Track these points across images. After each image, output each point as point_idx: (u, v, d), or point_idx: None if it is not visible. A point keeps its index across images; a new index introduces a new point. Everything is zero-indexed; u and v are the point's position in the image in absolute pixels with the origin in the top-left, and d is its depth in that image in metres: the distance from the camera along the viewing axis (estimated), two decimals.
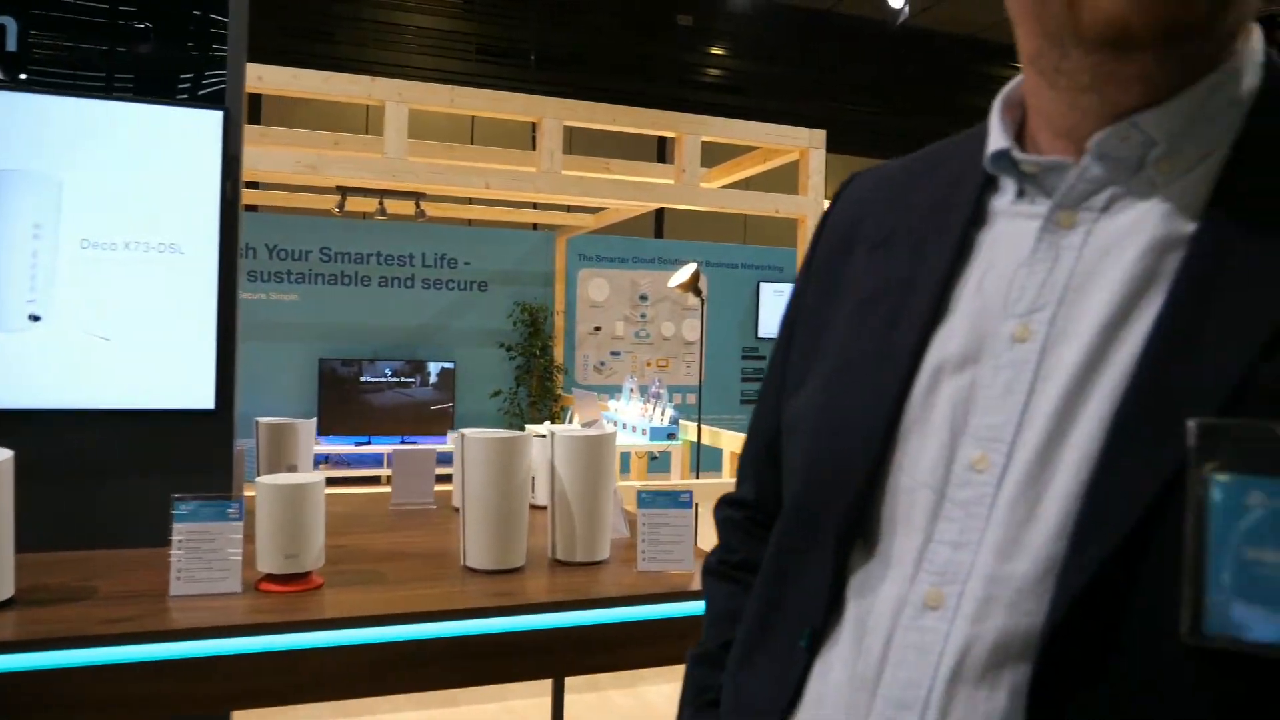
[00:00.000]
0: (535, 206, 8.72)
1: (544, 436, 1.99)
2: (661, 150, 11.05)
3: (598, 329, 9.52)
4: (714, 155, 5.64)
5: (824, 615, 0.65)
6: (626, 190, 4.76)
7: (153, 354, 1.66)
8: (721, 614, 0.81)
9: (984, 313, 0.63)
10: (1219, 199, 0.57)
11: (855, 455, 0.64)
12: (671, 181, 4.73)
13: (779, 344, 0.81)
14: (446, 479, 2.24)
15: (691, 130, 4.52)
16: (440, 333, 8.88)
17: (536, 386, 8.93)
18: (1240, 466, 0.49)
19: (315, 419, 2.08)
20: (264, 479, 1.48)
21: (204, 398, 1.68)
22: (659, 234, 11.71)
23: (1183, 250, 0.57)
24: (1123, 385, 0.55)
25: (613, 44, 12.02)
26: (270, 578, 1.46)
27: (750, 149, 5.18)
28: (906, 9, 9.77)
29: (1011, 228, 0.65)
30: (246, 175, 5.07)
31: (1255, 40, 0.61)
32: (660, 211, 11.02)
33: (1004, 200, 0.66)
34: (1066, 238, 0.61)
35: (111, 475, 1.69)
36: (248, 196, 8.20)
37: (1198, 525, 0.49)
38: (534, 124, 4.35)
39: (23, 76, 1.60)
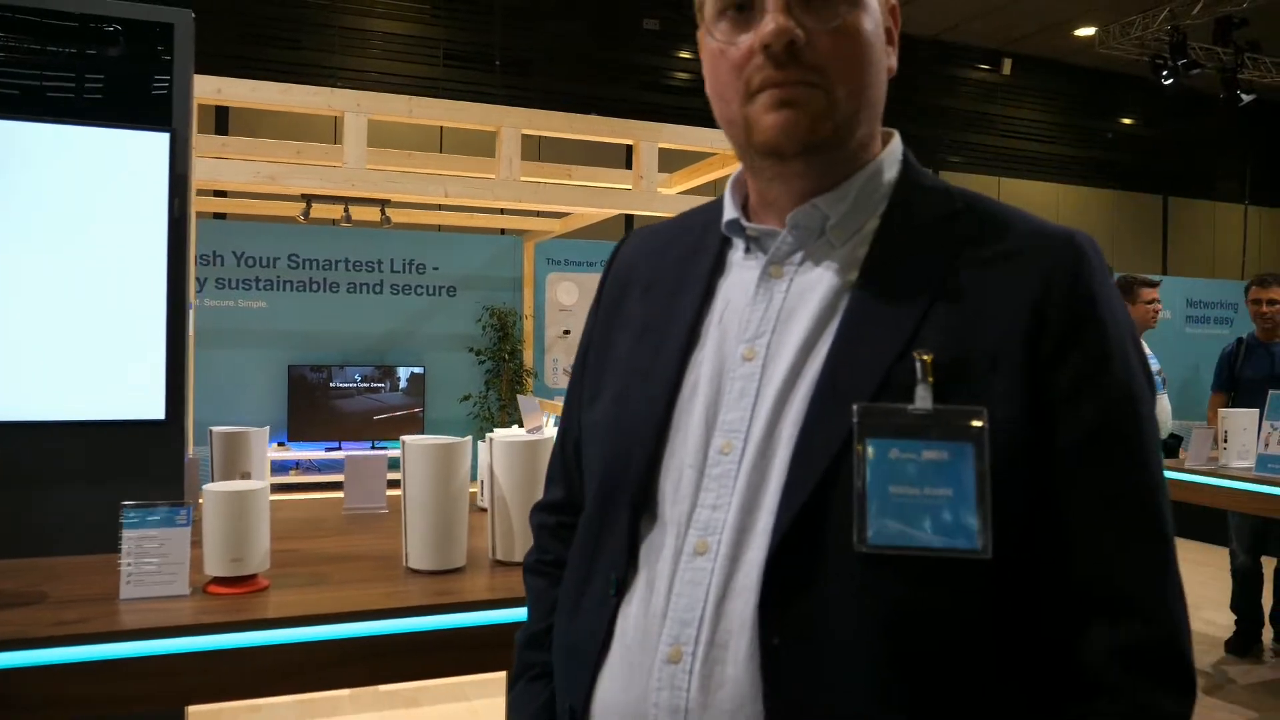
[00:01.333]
0: (502, 212, 8.78)
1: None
2: (630, 156, 11.13)
3: (566, 333, 9.59)
4: (683, 159, 5.74)
5: (624, 567, 0.84)
6: (585, 197, 4.84)
7: (104, 368, 1.72)
8: (542, 603, 1.00)
9: (724, 339, 0.87)
10: (870, 255, 0.85)
11: (639, 448, 0.86)
12: (630, 187, 4.82)
13: (575, 369, 1.02)
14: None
15: (648, 137, 4.60)
16: (409, 338, 8.92)
17: (506, 390, 8.98)
18: (884, 433, 0.76)
19: (268, 427, 2.14)
20: (211, 486, 1.54)
21: (154, 409, 1.74)
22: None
23: (849, 293, 0.83)
24: (813, 387, 0.80)
25: (579, 48, 12.09)
26: (217, 580, 1.53)
27: (706, 156, 5.28)
28: None
29: (741, 276, 0.90)
30: (210, 185, 5.10)
31: (895, 143, 0.91)
32: (630, 215, 11.14)
33: (737, 255, 0.92)
34: (776, 285, 0.87)
35: (65, 484, 1.74)
36: (215, 205, 8.22)
37: (861, 472, 0.76)
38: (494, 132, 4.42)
39: None
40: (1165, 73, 12.37)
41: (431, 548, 1.66)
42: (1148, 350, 4.48)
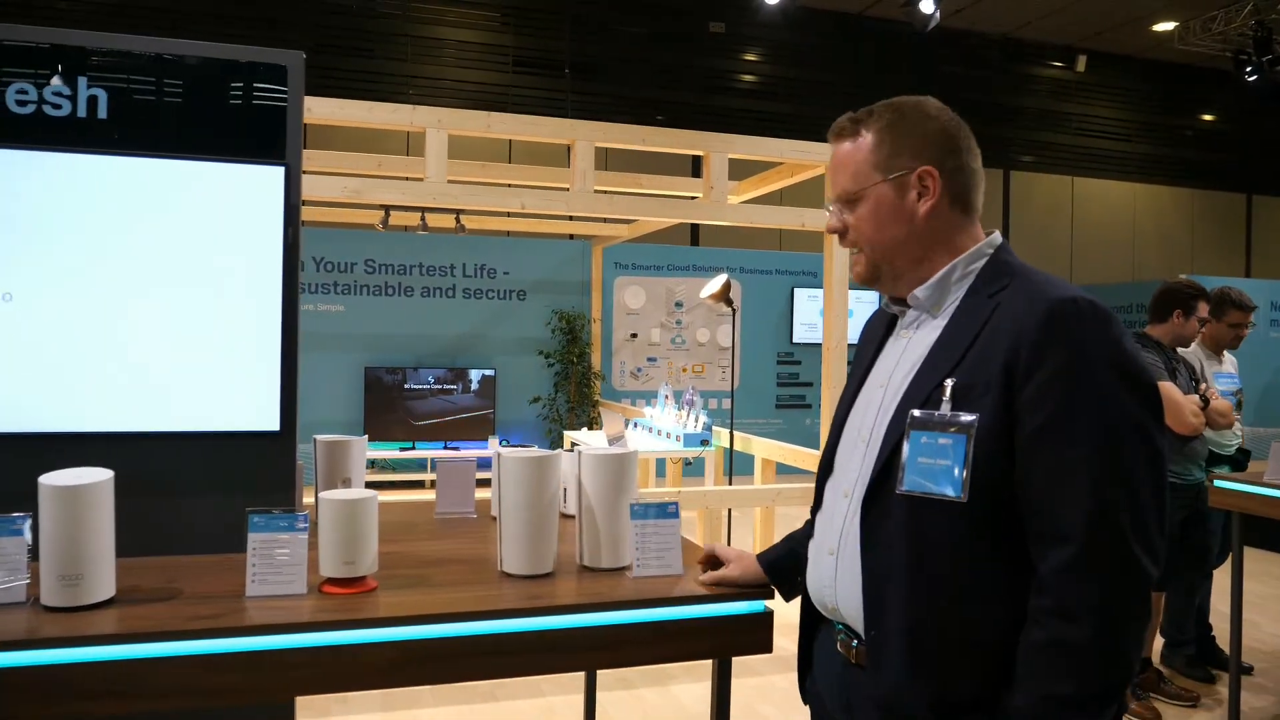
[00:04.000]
0: (571, 218, 8.93)
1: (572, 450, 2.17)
2: (697, 163, 11.20)
3: (634, 336, 9.71)
4: (750, 166, 5.80)
5: (817, 500, 1.58)
6: (656, 206, 4.94)
7: (228, 383, 1.87)
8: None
9: (878, 375, 1.51)
10: (947, 324, 1.40)
11: (834, 437, 1.56)
12: (700, 196, 4.90)
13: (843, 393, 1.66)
14: (486, 484, 2.44)
15: (718, 149, 4.68)
16: (480, 341, 9.14)
17: (574, 393, 9.14)
18: (920, 427, 1.34)
19: (366, 436, 2.28)
20: (325, 495, 1.67)
21: (270, 421, 1.89)
22: (695, 241, 11.88)
23: (930, 346, 1.41)
24: (898, 400, 1.40)
25: (645, 53, 12.20)
26: (331, 581, 1.66)
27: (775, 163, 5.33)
28: (937, 15, 9.83)
29: (893, 335, 1.54)
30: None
31: (982, 244, 1.44)
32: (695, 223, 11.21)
33: (900, 321, 1.53)
34: (902, 342, 1.49)
35: (192, 490, 1.90)
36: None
37: (905, 449, 1.35)
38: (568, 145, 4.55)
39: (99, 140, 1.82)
40: (1249, 68, 12.04)
41: (525, 554, 1.77)
42: (1230, 370, 4.39)
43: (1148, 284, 12.46)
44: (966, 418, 1.28)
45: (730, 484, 6.48)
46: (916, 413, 1.33)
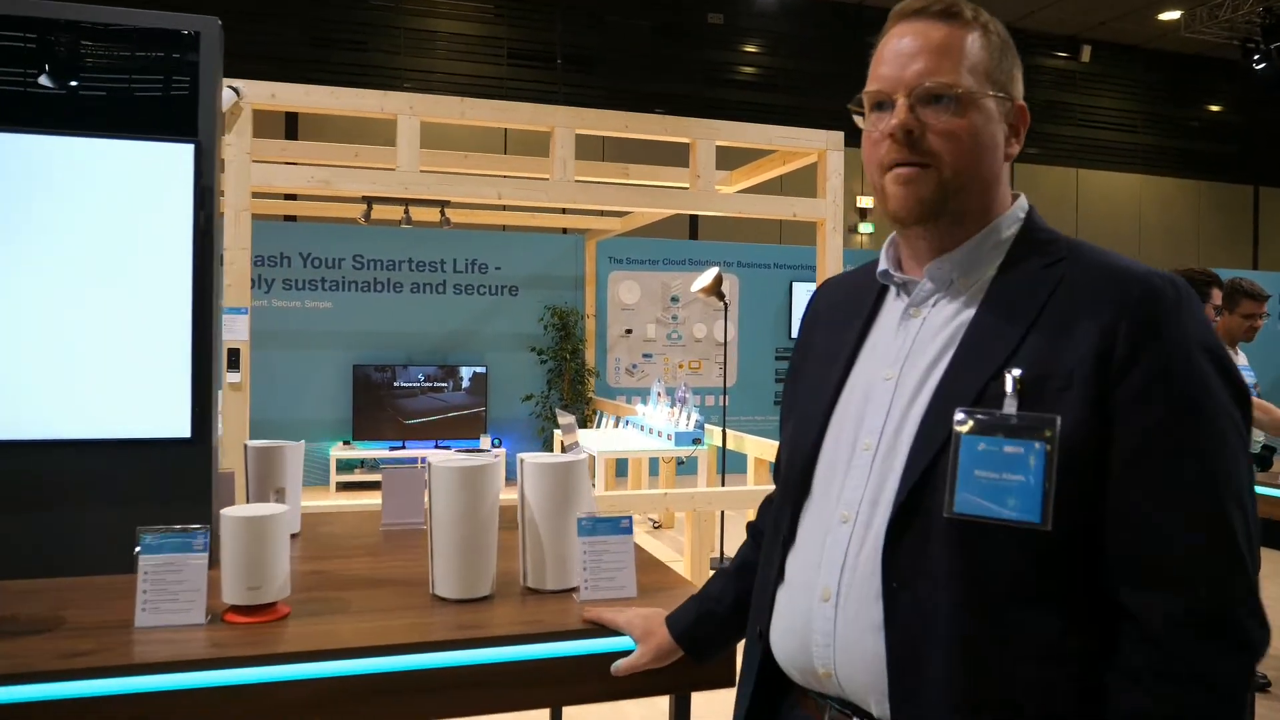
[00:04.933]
0: (565, 211, 8.73)
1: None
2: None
3: (629, 331, 9.51)
4: (744, 155, 5.60)
5: (789, 529, 1.17)
6: (642, 197, 4.74)
7: (127, 385, 1.68)
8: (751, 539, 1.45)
9: (874, 363, 1.16)
10: (985, 299, 1.09)
11: (806, 445, 1.17)
12: (688, 186, 4.71)
13: (784, 387, 1.34)
14: None
15: (705, 135, 4.48)
16: (472, 337, 8.94)
17: (568, 390, 8.95)
18: (974, 430, 1.00)
19: (303, 442, 2.09)
20: (229, 511, 1.49)
21: (180, 426, 1.70)
22: (693, 235, 11.67)
23: (965, 328, 1.08)
24: (929, 398, 1.06)
25: (642, 44, 12.00)
26: (235, 609, 1.47)
27: (769, 151, 5.14)
28: None
29: (891, 315, 1.19)
30: (267, 190, 5.14)
31: (1016, 206, 1.15)
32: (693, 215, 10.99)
33: (890, 296, 1.21)
34: (913, 322, 1.14)
35: (87, 503, 1.71)
36: (284, 208, 8.33)
37: (954, 458, 1.00)
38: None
39: None
40: (1257, 57, 11.79)
41: (459, 575, 1.58)
42: (1243, 362, 4.18)
43: None
44: (1047, 418, 0.97)
45: (723, 483, 6.29)
46: (964, 415, 1.01)
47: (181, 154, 1.67)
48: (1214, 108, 15.15)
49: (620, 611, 1.49)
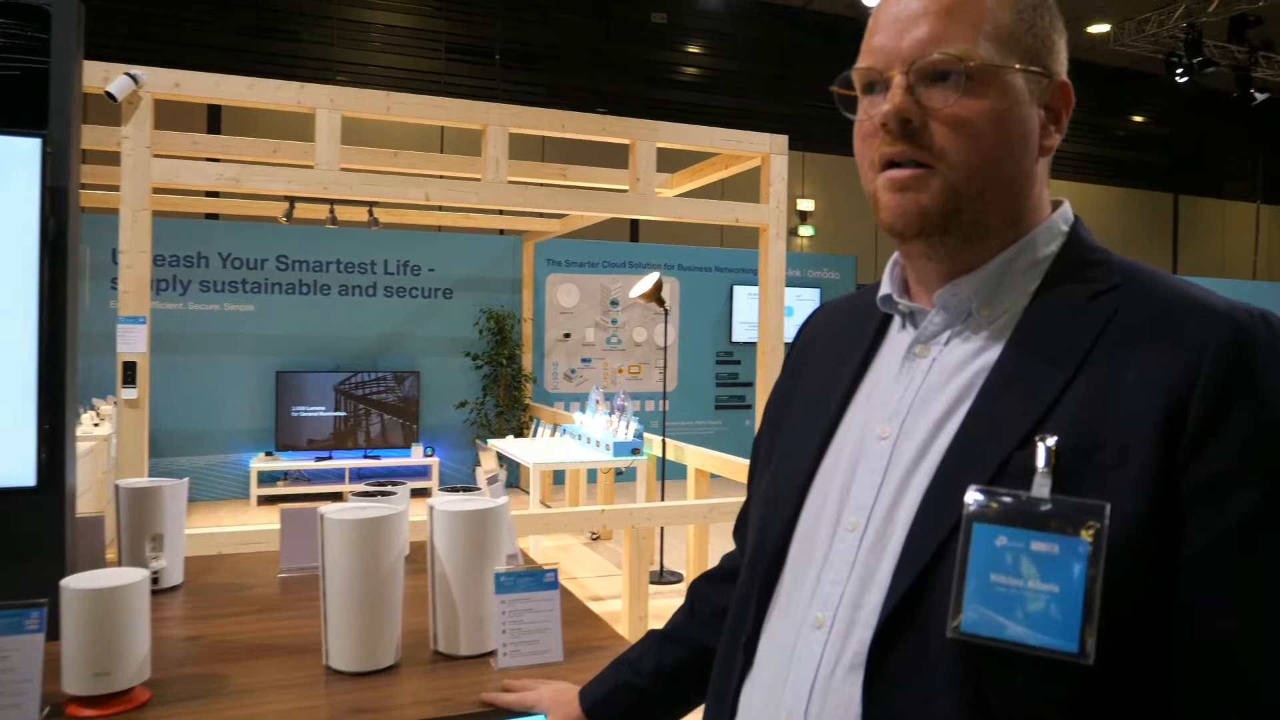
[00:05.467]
0: (501, 212, 8.47)
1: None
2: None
3: (567, 336, 9.28)
4: (686, 157, 5.41)
5: (754, 629, 0.89)
6: (579, 199, 4.53)
7: None
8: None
9: (868, 415, 0.88)
10: (1015, 335, 0.81)
11: (779, 518, 0.89)
12: (627, 189, 4.50)
13: (760, 430, 1.06)
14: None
15: (645, 136, 4.28)
16: (403, 342, 8.62)
17: (504, 397, 8.68)
18: (992, 518, 0.72)
19: (187, 479, 1.84)
20: (69, 583, 1.23)
21: (22, 473, 1.44)
22: (634, 237, 11.47)
23: (986, 375, 0.81)
24: (934, 467, 0.78)
25: (584, 42, 11.77)
26: (78, 700, 1.23)
27: (710, 154, 4.96)
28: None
29: (893, 349, 0.91)
30: (168, 186, 4.80)
31: (1057, 216, 0.87)
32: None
33: (895, 328, 0.93)
34: (920, 363, 0.86)
35: None
36: (205, 205, 7.93)
37: (962, 557, 0.72)
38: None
39: None
40: (1180, 70, 12.01)
41: (355, 645, 1.35)
42: None
43: None
44: (1092, 506, 0.69)
45: (663, 495, 6.10)
46: (980, 497, 0.73)
47: (25, 151, 1.41)
48: (1138, 119, 15.46)
49: (527, 686, 1.27)
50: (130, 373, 3.68)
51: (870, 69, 0.84)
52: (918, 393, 0.84)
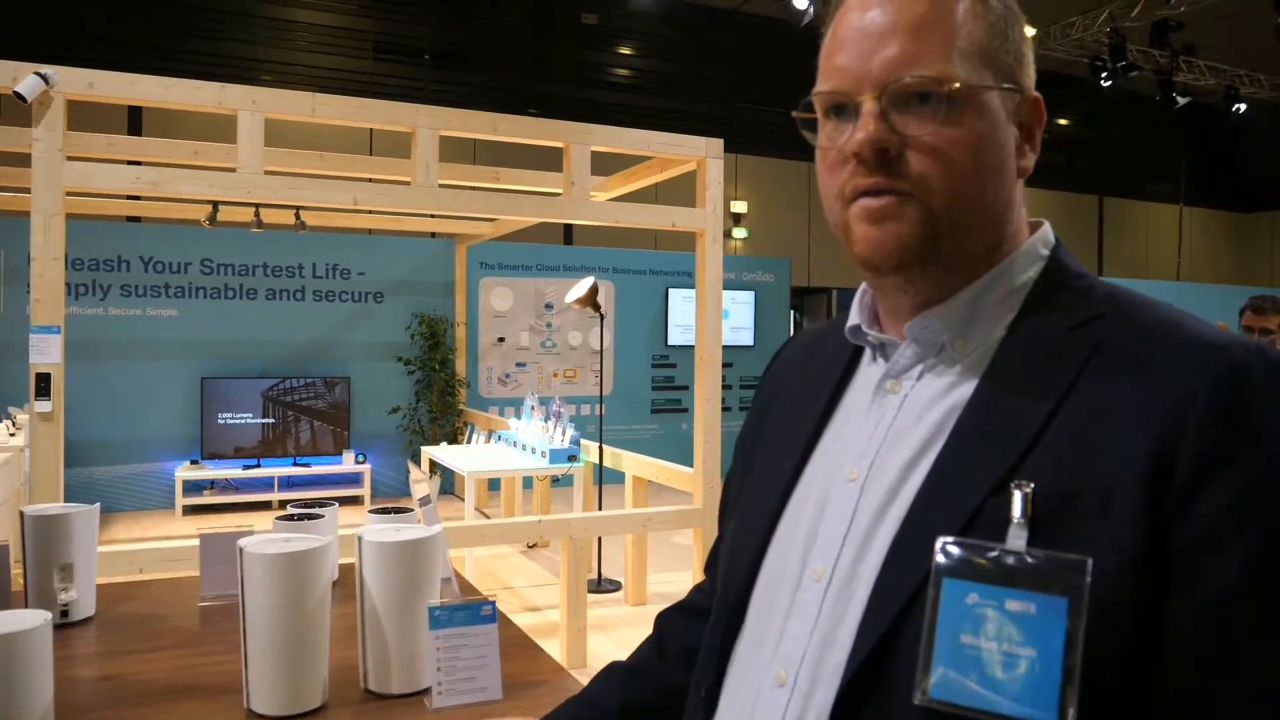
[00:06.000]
0: (433, 215, 8.33)
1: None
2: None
3: (501, 340, 9.17)
4: (619, 159, 5.37)
5: (715, 681, 0.84)
6: (512, 203, 4.45)
7: None
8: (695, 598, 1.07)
9: (836, 455, 0.82)
10: (989, 371, 0.76)
11: (743, 565, 0.85)
12: (560, 193, 4.45)
13: (730, 471, 1.01)
14: (336, 501, 1.92)
15: (579, 139, 4.23)
16: (333, 347, 8.43)
17: (437, 402, 8.54)
18: (963, 574, 0.67)
19: (98, 504, 1.74)
20: None
21: None
22: (568, 240, 11.40)
23: (959, 412, 0.75)
24: (903, 515, 0.73)
25: (515, 43, 11.66)
26: None
27: (644, 157, 4.93)
28: (811, 10, 9.64)
29: (864, 384, 0.85)
30: (81, 190, 4.61)
31: (1035, 240, 0.81)
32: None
33: (865, 361, 0.87)
34: (890, 400, 0.81)
35: None
36: (128, 208, 7.64)
37: (931, 617, 0.67)
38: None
39: None
40: (1104, 74, 12.37)
41: (279, 687, 1.28)
42: None
43: None
44: (1073, 561, 0.64)
45: (600, 502, 6.05)
46: (950, 549, 0.68)
47: None
48: (1063, 121, 15.88)
49: None
50: (44, 384, 3.51)
51: (836, 92, 0.77)
52: (888, 431, 0.79)
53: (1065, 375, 0.71)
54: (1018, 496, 0.67)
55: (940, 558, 0.68)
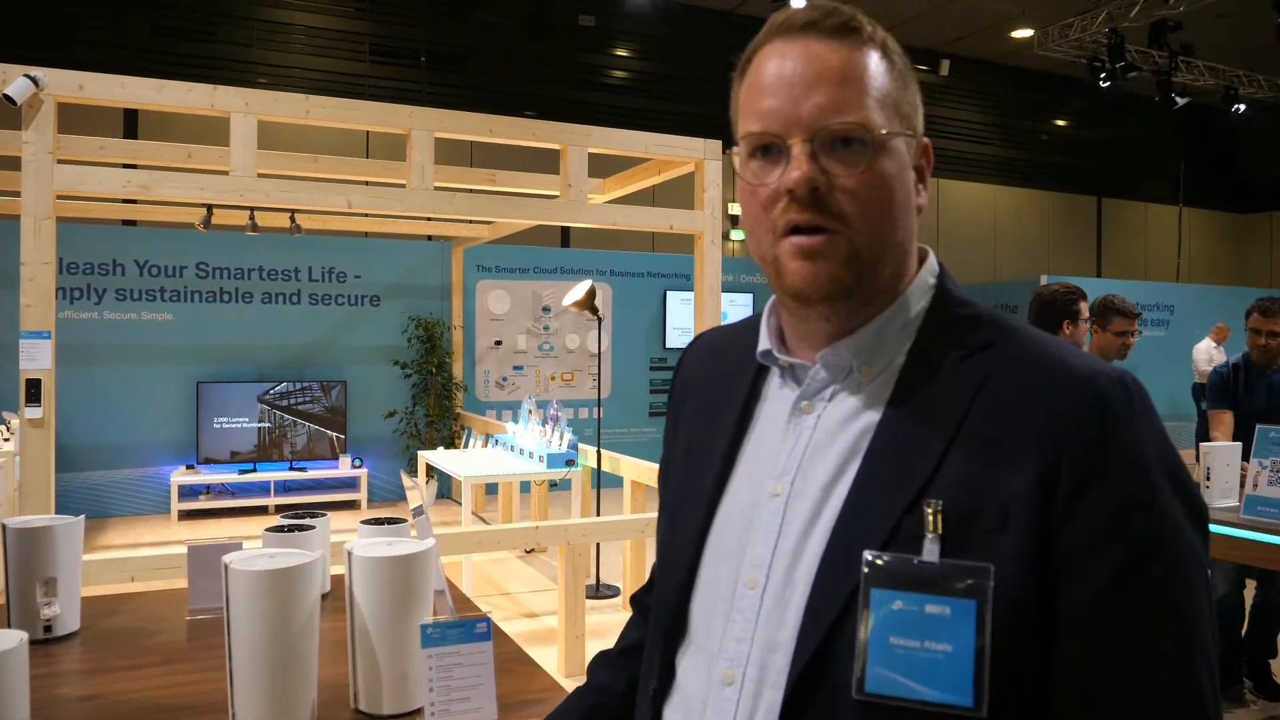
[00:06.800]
0: (429, 218, 8.29)
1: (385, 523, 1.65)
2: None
3: (499, 343, 9.13)
4: (615, 161, 5.33)
5: (661, 679, 0.91)
6: (509, 206, 4.41)
7: None
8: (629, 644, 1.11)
9: (758, 471, 0.89)
10: (894, 397, 0.84)
11: (676, 572, 0.92)
12: (558, 195, 4.40)
13: (659, 477, 1.06)
14: (330, 506, 1.87)
15: (576, 141, 4.19)
16: (329, 351, 8.38)
17: (434, 406, 8.49)
18: (888, 583, 0.77)
19: (83, 517, 1.70)
20: None
21: None
22: (565, 243, 11.36)
23: (871, 434, 0.84)
24: (829, 529, 0.82)
25: (510, 44, 11.62)
26: None
27: (640, 159, 4.89)
28: None
29: (777, 405, 0.92)
30: (73, 193, 4.56)
31: (924, 270, 0.90)
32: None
33: (774, 382, 0.94)
34: (805, 420, 0.88)
35: None
36: (123, 211, 7.60)
37: (865, 621, 0.77)
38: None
39: None
40: (1103, 75, 12.35)
41: (266, 708, 1.23)
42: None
43: (1008, 284, 12.66)
44: (977, 568, 0.75)
45: (598, 506, 6.01)
46: (876, 562, 0.78)
47: None
48: (1061, 122, 15.86)
49: None
50: (34, 390, 3.46)
51: (766, 133, 0.84)
52: (805, 450, 0.87)
53: (961, 403, 0.81)
54: (929, 514, 0.77)
55: (867, 569, 0.78)
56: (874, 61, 0.85)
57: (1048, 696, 0.76)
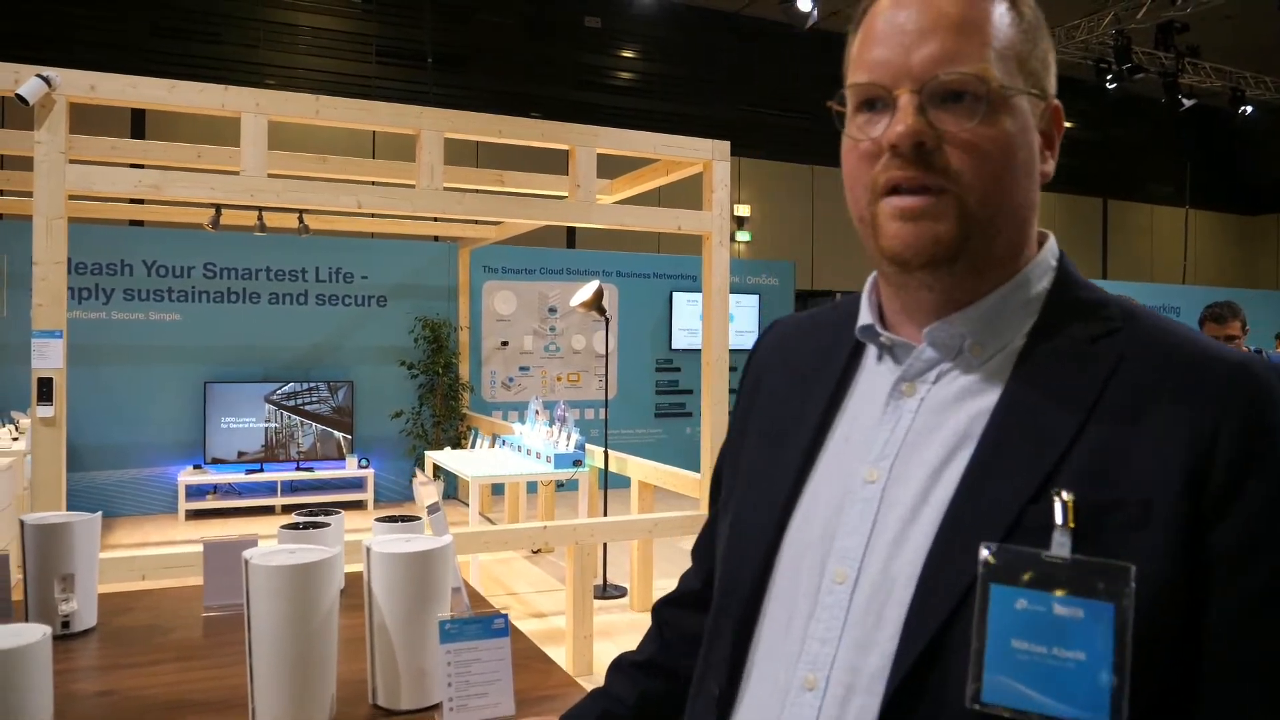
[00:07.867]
0: (436, 219, 8.31)
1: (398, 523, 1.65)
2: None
3: (505, 344, 9.14)
4: (621, 162, 5.34)
5: (726, 684, 0.82)
6: (517, 206, 4.42)
7: None
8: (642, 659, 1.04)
9: (849, 457, 0.81)
10: (1015, 378, 0.76)
11: (748, 567, 0.83)
12: (566, 195, 4.41)
13: (720, 460, 0.99)
14: (334, 506, 1.88)
15: (584, 142, 4.19)
16: (336, 351, 8.40)
17: (440, 406, 8.51)
18: (1012, 580, 0.67)
19: (100, 513, 1.70)
20: None
21: None
22: (571, 244, 11.37)
23: (986, 419, 0.75)
24: (938, 519, 0.73)
25: (516, 45, 11.64)
26: None
27: (647, 160, 4.90)
28: (815, 13, 9.61)
29: (872, 386, 0.84)
30: (84, 194, 4.57)
31: (1046, 250, 0.82)
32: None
33: (870, 360, 0.86)
34: (907, 402, 0.80)
35: None
36: (131, 212, 7.62)
37: (981, 621, 0.68)
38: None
39: None
40: (1109, 76, 12.33)
41: (285, 704, 1.24)
42: None
43: None
44: (1118, 567, 0.66)
45: (605, 507, 6.01)
46: (996, 555, 0.68)
47: None
48: (1068, 124, 15.76)
49: None
50: (46, 389, 3.48)
51: (873, 84, 0.77)
52: (906, 434, 0.78)
53: (1092, 388, 0.73)
54: (1060, 505, 0.68)
55: (986, 563, 0.68)
56: (999, 10, 0.77)
57: (1188, 712, 0.67)
